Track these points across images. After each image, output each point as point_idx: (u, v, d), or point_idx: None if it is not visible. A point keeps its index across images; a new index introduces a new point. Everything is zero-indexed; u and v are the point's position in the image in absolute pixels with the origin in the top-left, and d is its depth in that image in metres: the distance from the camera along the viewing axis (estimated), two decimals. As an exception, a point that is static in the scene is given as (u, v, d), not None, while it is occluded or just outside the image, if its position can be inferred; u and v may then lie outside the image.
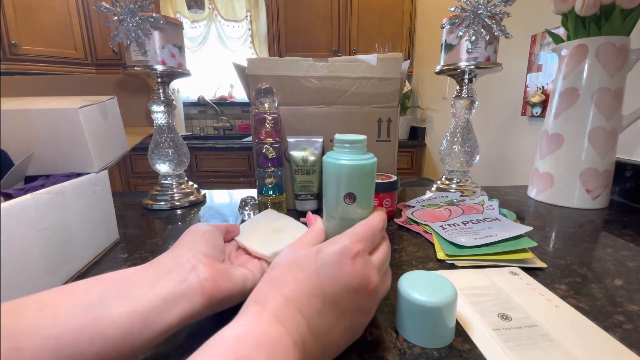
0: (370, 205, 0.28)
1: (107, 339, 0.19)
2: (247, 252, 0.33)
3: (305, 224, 0.39)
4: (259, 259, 0.32)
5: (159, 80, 0.61)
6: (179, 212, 0.61)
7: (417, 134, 2.08)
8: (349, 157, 0.27)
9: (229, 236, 0.35)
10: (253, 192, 0.72)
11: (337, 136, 0.28)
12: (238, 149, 1.89)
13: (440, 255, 0.41)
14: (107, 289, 0.21)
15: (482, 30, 0.56)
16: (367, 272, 0.22)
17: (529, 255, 0.40)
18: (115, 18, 0.54)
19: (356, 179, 0.27)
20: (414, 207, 0.59)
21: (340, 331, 0.22)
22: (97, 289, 0.21)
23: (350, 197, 0.27)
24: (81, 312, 0.19)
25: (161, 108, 0.62)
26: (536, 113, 1.00)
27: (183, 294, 0.23)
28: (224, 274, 0.26)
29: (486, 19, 0.56)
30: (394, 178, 0.53)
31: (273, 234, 0.36)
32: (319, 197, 0.59)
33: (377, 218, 0.26)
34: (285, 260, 0.23)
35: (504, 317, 0.29)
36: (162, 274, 0.24)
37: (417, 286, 0.26)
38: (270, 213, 0.44)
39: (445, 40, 0.62)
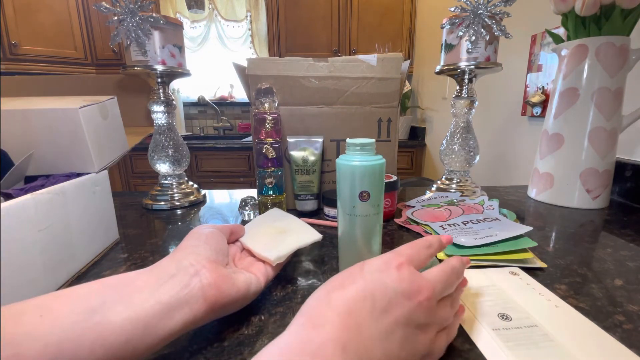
0: (381, 203, 0.32)
1: (108, 346, 0.19)
2: (252, 254, 0.33)
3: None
4: (264, 261, 0.32)
5: (159, 80, 0.61)
6: (179, 212, 0.61)
7: (417, 134, 2.08)
8: (361, 158, 0.31)
9: (234, 237, 0.35)
10: (253, 192, 0.72)
11: (349, 140, 0.32)
12: (238, 149, 1.89)
13: (440, 255, 0.41)
14: (108, 293, 0.21)
15: (482, 30, 0.56)
16: (414, 279, 0.22)
17: (529, 255, 0.40)
18: (115, 18, 0.54)
19: (368, 178, 0.30)
20: (414, 207, 0.59)
21: (397, 342, 0.20)
22: (98, 294, 0.21)
23: (364, 194, 0.31)
24: (82, 318, 0.19)
25: (161, 108, 0.62)
26: (536, 113, 1.00)
27: (185, 299, 0.22)
28: (228, 279, 0.26)
29: (486, 19, 0.56)
30: (394, 178, 0.53)
31: (277, 236, 0.36)
32: (318, 197, 0.59)
33: (453, 262, 0.25)
34: (330, 279, 0.23)
35: (504, 317, 0.29)
36: (164, 278, 0.23)
37: None
38: (275, 212, 0.44)
39: (445, 40, 0.62)
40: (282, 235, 0.36)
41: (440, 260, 0.39)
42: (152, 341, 0.21)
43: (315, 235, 0.36)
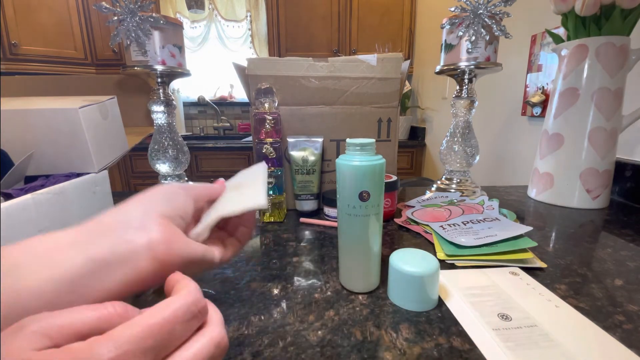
0: (381, 203, 0.32)
1: (29, 309, 0.16)
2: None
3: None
4: (222, 240, 0.28)
5: (159, 80, 0.61)
6: (179, 212, 0.61)
7: (417, 134, 2.08)
8: (361, 158, 0.31)
9: (212, 200, 0.29)
10: (253, 192, 0.71)
11: (349, 140, 0.32)
12: (238, 149, 1.89)
13: (440, 255, 0.41)
14: (22, 255, 0.18)
15: (482, 30, 0.56)
16: None
17: (529, 255, 0.40)
18: (115, 18, 0.54)
19: (368, 178, 0.31)
20: (414, 207, 0.59)
21: None
22: (12, 255, 0.18)
23: (364, 194, 0.31)
24: None
25: (161, 108, 0.62)
26: (536, 113, 1.00)
27: (125, 256, 0.19)
28: (181, 237, 0.22)
29: (486, 19, 0.56)
30: (394, 178, 0.53)
31: (229, 197, 0.30)
32: (318, 197, 0.59)
33: (177, 303, 0.16)
34: None
35: (504, 317, 0.29)
36: (99, 233, 0.20)
37: (405, 259, 0.31)
38: (256, 167, 0.35)
39: (445, 40, 0.62)
40: (232, 194, 0.30)
41: (442, 261, 0.39)
42: (86, 302, 0.17)
43: (252, 201, 0.27)
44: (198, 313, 0.17)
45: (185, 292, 0.17)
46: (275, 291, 0.34)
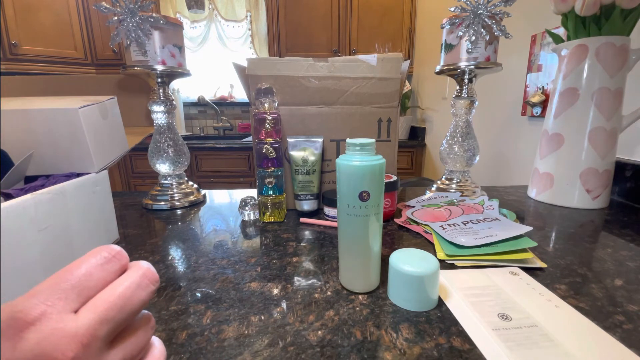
0: (381, 203, 0.32)
1: None
2: None
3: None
4: None
5: (159, 80, 0.61)
6: (179, 212, 0.61)
7: (417, 134, 2.08)
8: (361, 158, 0.31)
9: None
10: (253, 192, 0.72)
11: (349, 140, 0.32)
12: (238, 149, 1.89)
13: (440, 255, 0.41)
14: None
15: (482, 30, 0.56)
16: (47, 349, 0.13)
17: (529, 255, 0.40)
18: (115, 18, 0.54)
19: (368, 178, 0.31)
20: (414, 207, 0.59)
21: None
22: None
23: (364, 194, 0.31)
24: None
25: (161, 108, 0.62)
26: (536, 113, 1.00)
27: None
28: None
29: (486, 19, 0.56)
30: (394, 178, 0.53)
31: None
32: (318, 197, 0.59)
33: (89, 252, 0.17)
34: None
35: (504, 317, 0.29)
36: None
37: (405, 259, 0.31)
38: None
39: (445, 40, 0.62)
40: None
41: (442, 261, 0.39)
42: None
43: None
44: (112, 257, 0.17)
45: (93, 252, 0.17)
46: (275, 291, 0.34)
